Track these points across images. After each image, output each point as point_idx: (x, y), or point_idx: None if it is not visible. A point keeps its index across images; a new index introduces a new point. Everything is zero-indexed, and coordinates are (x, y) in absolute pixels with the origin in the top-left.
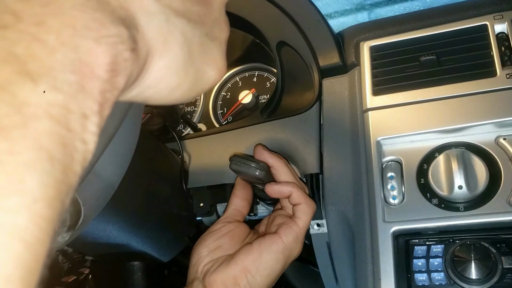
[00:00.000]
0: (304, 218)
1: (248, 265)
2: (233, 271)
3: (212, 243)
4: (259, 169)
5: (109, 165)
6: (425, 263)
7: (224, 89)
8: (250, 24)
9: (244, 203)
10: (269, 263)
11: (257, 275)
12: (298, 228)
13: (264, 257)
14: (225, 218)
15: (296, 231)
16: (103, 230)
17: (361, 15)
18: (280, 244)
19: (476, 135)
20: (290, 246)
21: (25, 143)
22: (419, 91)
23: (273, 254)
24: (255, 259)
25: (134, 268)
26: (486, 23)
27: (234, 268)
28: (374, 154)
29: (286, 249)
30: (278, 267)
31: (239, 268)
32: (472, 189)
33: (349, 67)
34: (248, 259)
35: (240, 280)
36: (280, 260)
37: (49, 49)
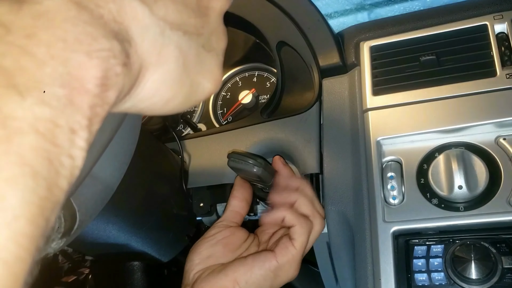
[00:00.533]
0: (299, 239)
1: (238, 277)
2: (223, 281)
3: (205, 251)
4: (256, 166)
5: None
6: (425, 263)
7: (224, 89)
8: (250, 24)
9: (242, 204)
10: (259, 279)
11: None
12: (294, 249)
13: (255, 272)
14: (222, 222)
15: (292, 252)
16: (103, 230)
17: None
18: (273, 263)
19: (476, 135)
20: (284, 267)
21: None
22: (419, 91)
23: (264, 271)
24: (245, 272)
25: (134, 268)
26: (486, 23)
27: (224, 278)
28: (374, 154)
29: (278, 269)
30: (267, 284)
31: (229, 279)
32: (472, 189)
33: (349, 67)
34: (239, 271)
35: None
36: (270, 277)
37: (39, 62)
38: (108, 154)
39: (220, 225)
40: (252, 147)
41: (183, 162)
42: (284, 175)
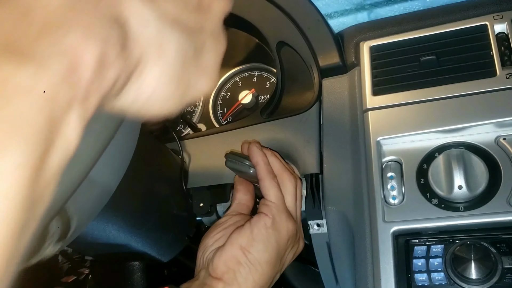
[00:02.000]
0: (271, 193)
1: (242, 242)
2: (231, 251)
3: (218, 234)
4: (253, 167)
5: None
6: (425, 263)
7: (224, 89)
8: (250, 24)
9: (247, 197)
10: (261, 238)
11: (253, 250)
12: (272, 203)
13: (256, 233)
14: (231, 212)
15: (273, 205)
16: (103, 230)
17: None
18: (266, 218)
19: (476, 135)
20: (277, 219)
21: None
22: (419, 91)
23: (263, 229)
24: (248, 236)
25: (134, 268)
26: (486, 23)
27: (231, 248)
28: (374, 154)
29: (274, 223)
30: (272, 242)
31: (236, 247)
32: (472, 189)
33: (349, 67)
34: (242, 237)
35: (240, 258)
36: (271, 235)
37: (36, 33)
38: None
39: (230, 214)
40: None
41: (183, 162)
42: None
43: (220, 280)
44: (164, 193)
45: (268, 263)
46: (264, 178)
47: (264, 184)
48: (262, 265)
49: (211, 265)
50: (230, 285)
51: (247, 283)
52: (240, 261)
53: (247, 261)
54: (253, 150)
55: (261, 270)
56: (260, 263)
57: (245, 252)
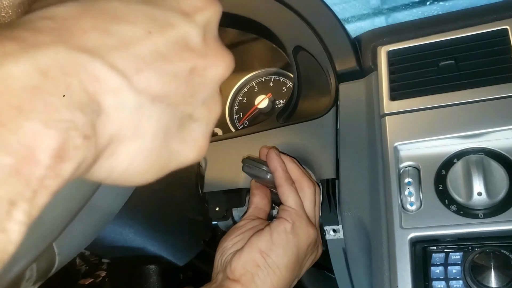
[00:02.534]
0: (290, 199)
1: (261, 246)
2: (250, 254)
3: (236, 237)
4: (270, 172)
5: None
6: (443, 271)
7: (240, 94)
8: (267, 29)
9: (264, 201)
10: (280, 242)
11: (272, 254)
12: (291, 208)
13: (275, 237)
14: (249, 216)
15: (292, 211)
16: (120, 233)
17: (379, 20)
18: (286, 223)
19: (495, 141)
20: (297, 224)
21: None
22: (438, 96)
23: (283, 234)
24: (267, 240)
25: (150, 271)
26: (507, 28)
27: (250, 251)
28: (391, 159)
29: (294, 228)
30: (291, 247)
31: (255, 250)
32: (491, 196)
33: (366, 72)
34: (261, 241)
35: (259, 261)
36: (291, 240)
37: None
38: None
39: (248, 218)
40: None
41: (199, 167)
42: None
43: (238, 282)
44: (180, 197)
45: (287, 267)
46: (283, 184)
47: (282, 190)
48: (280, 269)
49: (229, 268)
50: (248, 287)
51: (265, 286)
52: (258, 264)
53: (266, 264)
54: (271, 156)
55: (279, 274)
56: (279, 267)
57: (264, 256)
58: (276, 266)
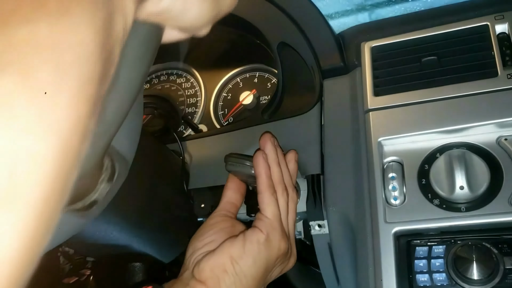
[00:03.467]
0: (268, 209)
1: (233, 253)
2: (220, 259)
3: (208, 237)
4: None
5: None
6: (426, 264)
7: (225, 90)
8: (251, 25)
9: (237, 196)
10: (252, 252)
11: (241, 262)
12: (267, 219)
13: (248, 246)
14: (220, 211)
15: (268, 222)
16: (104, 231)
17: (362, 16)
18: (260, 234)
19: (477, 136)
20: (271, 236)
21: None
22: (420, 92)
23: (255, 244)
24: (239, 248)
25: (135, 269)
26: (487, 24)
27: (220, 255)
28: (375, 154)
29: (267, 240)
30: (262, 258)
31: (225, 256)
32: (473, 189)
33: (350, 68)
34: (234, 247)
35: (227, 267)
36: (262, 251)
37: None
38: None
39: (219, 215)
40: (253, 148)
41: (184, 163)
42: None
43: (203, 284)
44: (165, 194)
45: (254, 278)
46: (264, 192)
47: (262, 198)
48: (247, 279)
49: (197, 268)
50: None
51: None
52: (226, 270)
53: (234, 271)
54: (258, 160)
55: (245, 283)
56: (246, 276)
57: (233, 263)
58: (244, 275)
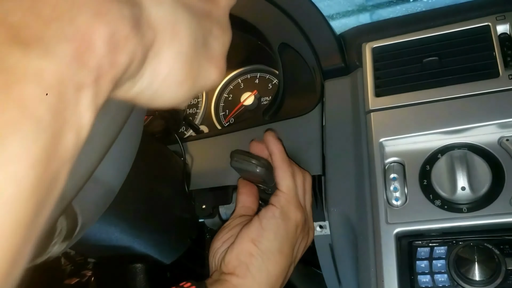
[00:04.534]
0: (283, 183)
1: (252, 234)
2: (242, 245)
3: (225, 235)
4: (259, 166)
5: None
6: (428, 265)
7: (226, 91)
8: (252, 26)
9: (251, 199)
10: (270, 227)
11: (263, 240)
12: (282, 193)
13: (264, 223)
14: (236, 215)
15: (283, 196)
16: (106, 232)
17: (363, 17)
18: (274, 209)
19: (479, 136)
20: (286, 209)
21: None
22: (422, 92)
23: (272, 220)
24: (258, 228)
25: (137, 270)
26: (489, 24)
27: (241, 242)
28: (377, 155)
29: (282, 213)
30: (281, 230)
31: (246, 240)
32: (475, 190)
33: (351, 69)
34: (252, 230)
35: (252, 250)
36: (281, 225)
37: (44, 20)
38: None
39: (236, 216)
40: None
41: (185, 164)
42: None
43: (233, 274)
44: (167, 195)
45: (280, 251)
46: (280, 166)
47: (278, 172)
48: (274, 254)
49: (223, 263)
50: (244, 277)
51: (261, 273)
52: (252, 253)
53: (259, 251)
54: (269, 138)
55: (273, 259)
56: (272, 252)
57: (256, 243)
58: (270, 251)
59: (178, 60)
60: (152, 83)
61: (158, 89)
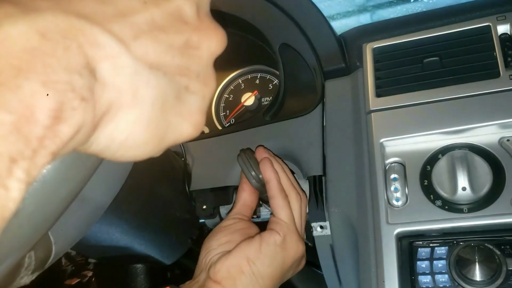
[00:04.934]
0: (283, 212)
1: (249, 254)
2: (237, 259)
3: (224, 238)
4: (255, 180)
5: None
6: (429, 265)
7: (226, 92)
8: (253, 26)
9: (252, 198)
10: (269, 253)
11: (258, 263)
12: (283, 222)
13: (264, 247)
14: (235, 214)
15: (284, 225)
16: (106, 233)
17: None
18: (277, 236)
19: (479, 136)
20: (288, 238)
21: None
22: (422, 93)
23: (272, 246)
24: (256, 250)
25: (137, 270)
26: (489, 24)
27: (237, 256)
28: (377, 155)
29: (284, 242)
30: (278, 259)
31: (242, 257)
32: (475, 190)
33: (351, 69)
34: (250, 249)
35: (244, 268)
36: (279, 253)
37: None
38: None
39: (235, 217)
40: (255, 149)
41: (186, 165)
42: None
43: (219, 284)
44: (167, 195)
45: (270, 278)
46: (277, 196)
47: (276, 202)
48: (264, 279)
49: (213, 269)
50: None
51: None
52: (243, 271)
53: (250, 272)
54: (265, 166)
55: (262, 282)
56: (263, 277)
57: (250, 263)
58: (260, 276)
59: (139, 123)
60: (109, 146)
61: (117, 150)
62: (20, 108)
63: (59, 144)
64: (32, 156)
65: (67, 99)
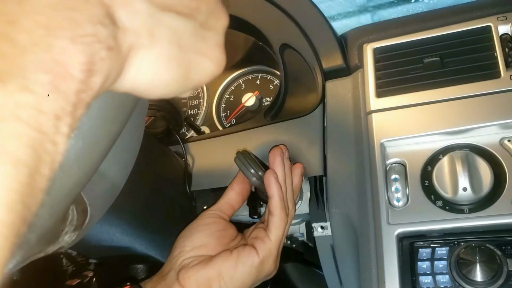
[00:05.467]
0: (275, 232)
1: (223, 271)
2: (209, 273)
3: (198, 240)
4: (255, 177)
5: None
6: (429, 266)
7: (227, 92)
8: (253, 26)
9: (238, 198)
10: (242, 275)
11: (229, 281)
12: (270, 242)
13: (239, 268)
14: (216, 211)
15: (269, 246)
16: (107, 233)
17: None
18: (255, 260)
19: (480, 137)
20: (264, 262)
21: None
22: (423, 93)
23: (248, 268)
24: (231, 268)
25: (138, 270)
26: (490, 25)
27: (210, 270)
28: (378, 156)
29: (260, 264)
30: (249, 281)
31: (215, 272)
32: (476, 191)
33: (352, 69)
34: (225, 266)
35: (213, 283)
36: (253, 274)
37: (20, 49)
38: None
39: (214, 215)
40: (256, 149)
41: (186, 165)
42: None
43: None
44: (168, 195)
45: None
46: (277, 214)
47: (273, 220)
48: None
49: (184, 273)
50: None
51: None
52: (211, 285)
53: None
54: (270, 181)
55: None
56: None
57: (220, 279)
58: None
59: (160, 62)
60: (136, 86)
61: (145, 90)
62: (55, 66)
63: (92, 95)
64: (72, 111)
65: (95, 51)
